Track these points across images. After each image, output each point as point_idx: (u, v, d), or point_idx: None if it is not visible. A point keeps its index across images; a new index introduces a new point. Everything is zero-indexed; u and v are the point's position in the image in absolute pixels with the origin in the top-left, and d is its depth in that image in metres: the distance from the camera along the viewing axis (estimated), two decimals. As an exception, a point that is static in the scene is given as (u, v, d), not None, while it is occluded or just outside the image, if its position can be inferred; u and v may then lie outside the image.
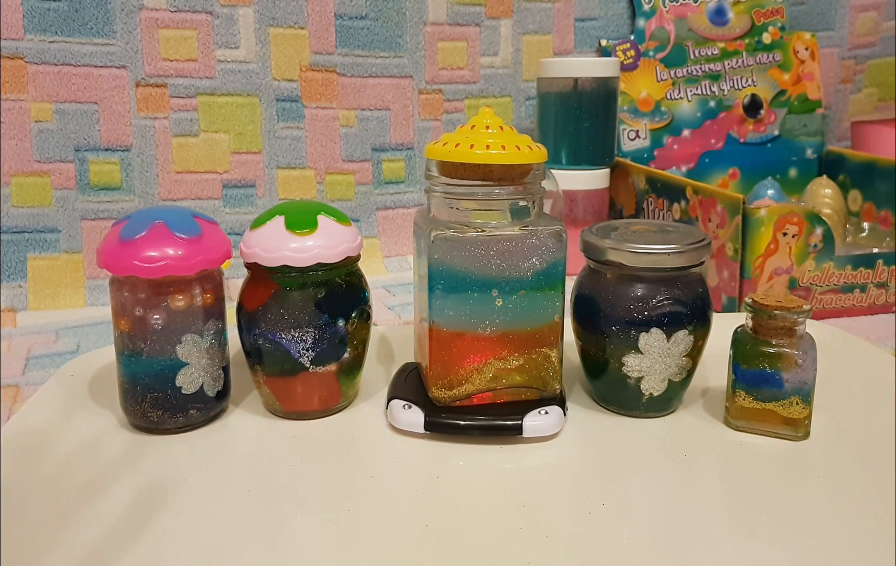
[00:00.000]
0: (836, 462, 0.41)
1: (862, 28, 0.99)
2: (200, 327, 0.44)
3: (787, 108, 0.95)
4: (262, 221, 0.45)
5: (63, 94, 0.73)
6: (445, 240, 0.42)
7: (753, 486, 0.38)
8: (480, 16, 0.87)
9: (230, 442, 0.44)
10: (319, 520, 0.36)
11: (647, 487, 0.39)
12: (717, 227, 0.67)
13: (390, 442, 0.43)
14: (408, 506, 0.37)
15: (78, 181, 0.74)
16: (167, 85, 0.76)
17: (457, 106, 0.88)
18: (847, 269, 0.66)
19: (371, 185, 0.85)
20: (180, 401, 0.44)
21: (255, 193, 0.81)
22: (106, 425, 0.45)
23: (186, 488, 0.38)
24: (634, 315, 0.44)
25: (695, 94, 0.93)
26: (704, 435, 0.44)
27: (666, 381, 0.45)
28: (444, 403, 0.44)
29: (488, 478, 0.40)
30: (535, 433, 0.42)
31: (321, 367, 0.45)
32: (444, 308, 0.43)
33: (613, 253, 0.44)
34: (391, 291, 0.76)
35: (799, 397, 0.42)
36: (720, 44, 0.94)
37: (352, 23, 0.82)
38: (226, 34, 0.78)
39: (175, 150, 0.77)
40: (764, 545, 0.34)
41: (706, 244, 0.45)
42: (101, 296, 0.73)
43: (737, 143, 0.94)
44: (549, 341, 0.44)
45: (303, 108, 0.81)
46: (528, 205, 0.44)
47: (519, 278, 0.43)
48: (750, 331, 0.43)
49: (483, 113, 0.44)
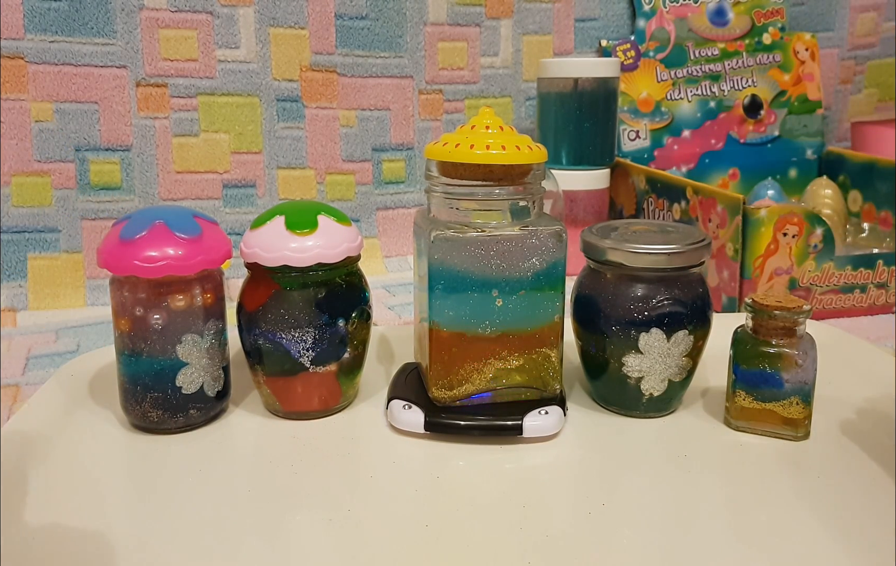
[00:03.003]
0: (836, 462, 0.41)
1: (862, 29, 0.99)
2: (200, 327, 0.44)
3: (787, 108, 0.95)
4: (262, 221, 0.45)
5: (63, 94, 0.73)
6: (445, 240, 0.42)
7: (753, 486, 0.38)
8: (480, 16, 0.87)
9: (230, 442, 0.44)
10: (319, 520, 0.36)
11: (646, 487, 0.39)
12: (718, 228, 0.67)
13: (390, 442, 0.43)
14: (408, 506, 0.37)
15: (78, 181, 0.74)
16: (167, 85, 0.76)
17: (457, 106, 0.88)
18: (847, 270, 0.66)
19: (371, 185, 0.85)
20: (180, 401, 0.44)
21: (255, 193, 0.81)
22: (106, 425, 0.45)
23: (186, 488, 0.38)
24: (634, 315, 0.44)
25: (695, 95, 0.93)
26: (704, 435, 0.44)
27: (666, 381, 0.45)
28: (444, 403, 0.44)
29: (488, 478, 0.40)
30: (535, 433, 0.42)
31: (321, 367, 0.45)
32: (444, 308, 0.43)
33: (613, 253, 0.44)
34: (391, 291, 0.76)
35: (799, 397, 0.42)
36: (720, 44, 0.94)
37: (352, 23, 0.82)
38: (226, 34, 0.78)
39: (175, 150, 0.77)
40: (764, 545, 0.34)
41: (706, 244, 0.45)
42: (101, 297, 0.73)
43: (737, 143, 0.94)
44: (549, 341, 0.44)
45: (303, 108, 0.81)
46: (528, 205, 0.44)
47: (519, 278, 0.43)
48: (750, 331, 0.43)
49: (483, 113, 0.44)
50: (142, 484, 0.39)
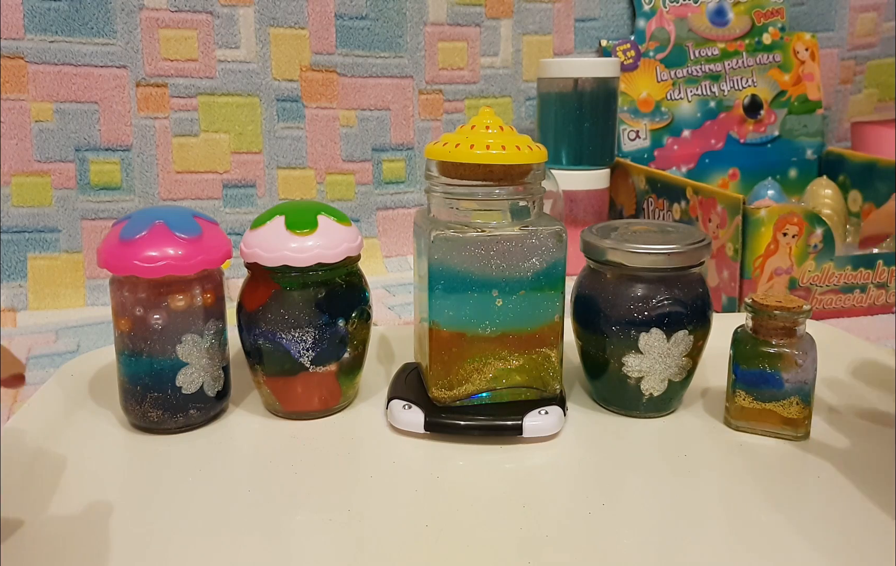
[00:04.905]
0: (836, 462, 0.41)
1: (862, 29, 0.99)
2: (200, 327, 0.44)
3: (787, 108, 0.95)
4: (262, 221, 0.45)
5: (63, 94, 0.73)
6: (445, 240, 0.42)
7: (753, 486, 0.38)
8: (480, 16, 0.87)
9: (230, 442, 0.44)
10: (319, 520, 0.36)
11: (646, 487, 0.39)
12: (718, 228, 0.67)
13: (390, 442, 0.43)
14: (408, 506, 0.37)
15: (78, 181, 0.74)
16: (167, 85, 0.76)
17: (457, 106, 0.88)
18: (847, 270, 0.66)
19: (371, 185, 0.85)
20: (180, 401, 0.44)
21: (255, 193, 0.81)
22: (106, 425, 0.45)
23: (186, 488, 0.38)
24: (634, 315, 0.44)
25: (695, 95, 0.93)
26: (704, 435, 0.44)
27: (666, 381, 0.45)
28: (444, 403, 0.44)
29: (488, 478, 0.40)
30: (535, 433, 0.42)
31: (321, 367, 0.45)
32: (444, 308, 0.43)
33: (613, 253, 0.44)
34: (391, 291, 0.76)
35: (799, 397, 0.42)
36: (720, 44, 0.94)
37: (352, 23, 0.82)
38: (226, 34, 0.78)
39: (175, 150, 0.77)
40: (764, 545, 0.34)
41: (706, 244, 0.45)
42: (101, 296, 0.73)
43: (737, 143, 0.94)
44: (549, 341, 0.44)
45: (303, 108, 0.81)
46: (528, 205, 0.44)
47: (519, 278, 0.43)
48: (750, 331, 0.43)
49: (483, 113, 0.44)
50: (142, 484, 0.39)
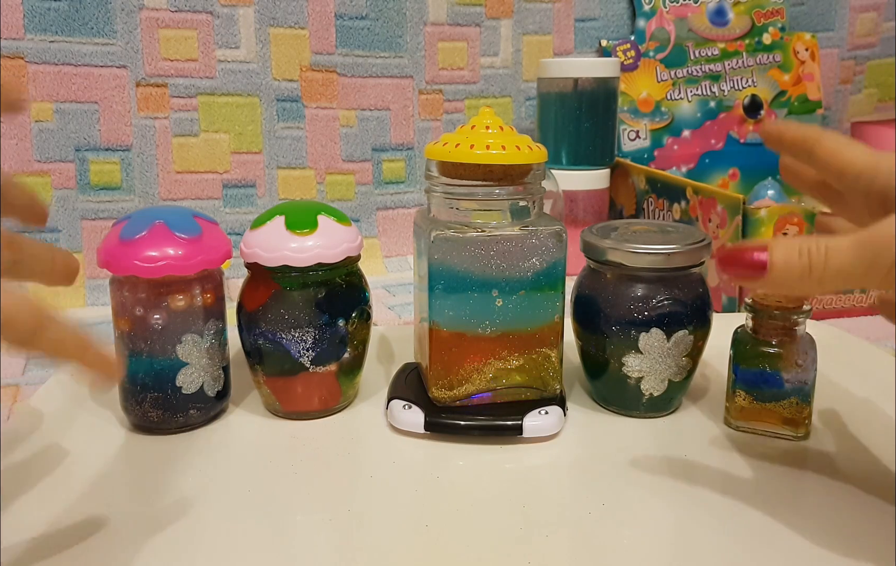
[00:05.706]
0: (836, 462, 0.41)
1: (862, 29, 0.99)
2: (200, 327, 0.44)
3: (787, 108, 0.95)
4: (262, 221, 0.45)
5: (63, 94, 0.73)
6: (445, 240, 0.42)
7: (753, 486, 0.38)
8: (480, 16, 0.87)
9: (230, 442, 0.44)
10: (319, 520, 0.36)
11: (646, 487, 0.39)
12: (718, 228, 0.67)
13: (390, 442, 0.43)
14: (408, 506, 0.37)
15: (78, 181, 0.74)
16: (167, 85, 0.76)
17: (457, 106, 0.88)
18: (847, 270, 0.66)
19: (371, 185, 0.85)
20: (180, 401, 0.44)
21: (255, 193, 0.81)
22: (106, 425, 0.45)
23: (186, 488, 0.38)
24: (634, 315, 0.44)
25: (695, 95, 0.93)
26: (704, 435, 0.44)
27: (666, 381, 0.45)
28: (444, 403, 0.44)
29: (488, 478, 0.40)
30: (535, 433, 0.42)
31: (321, 367, 0.45)
32: (444, 308, 0.43)
33: (613, 253, 0.44)
34: (391, 291, 0.76)
35: (799, 397, 0.42)
36: (720, 44, 0.94)
37: (352, 23, 0.82)
38: (226, 34, 0.78)
39: (175, 150, 0.77)
40: (764, 545, 0.34)
41: (706, 244, 0.45)
42: (101, 296, 0.73)
43: (737, 143, 0.94)
44: (549, 341, 0.44)
45: (303, 108, 0.81)
46: (528, 205, 0.44)
47: (519, 278, 0.43)
48: (750, 331, 0.43)
49: (483, 113, 0.44)
50: (142, 484, 0.39)
